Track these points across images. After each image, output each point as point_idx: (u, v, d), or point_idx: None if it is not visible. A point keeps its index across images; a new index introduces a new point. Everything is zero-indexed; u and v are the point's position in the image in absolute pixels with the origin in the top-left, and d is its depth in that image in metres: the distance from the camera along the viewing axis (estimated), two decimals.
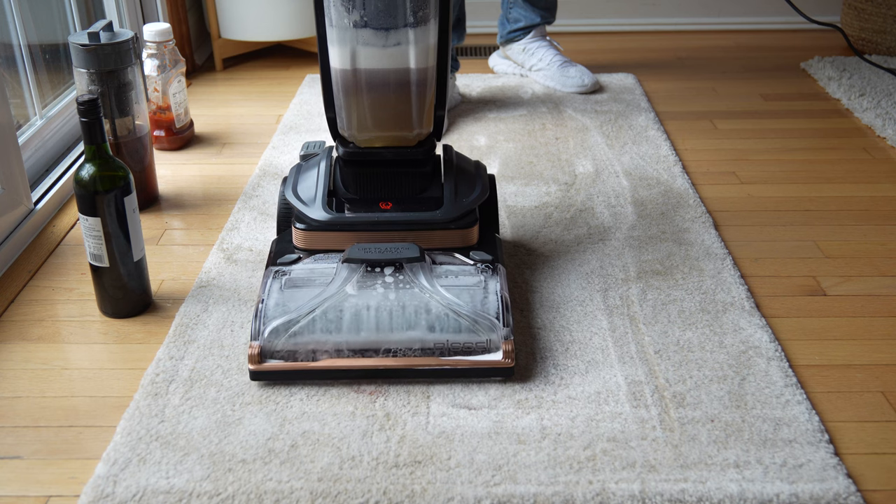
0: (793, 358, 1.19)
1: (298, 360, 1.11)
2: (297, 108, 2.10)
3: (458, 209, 1.26)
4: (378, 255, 1.17)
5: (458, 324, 1.12)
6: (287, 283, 1.17)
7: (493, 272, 1.19)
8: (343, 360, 1.12)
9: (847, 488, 0.96)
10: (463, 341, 1.12)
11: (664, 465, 0.99)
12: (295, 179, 1.31)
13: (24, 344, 1.23)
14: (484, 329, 1.12)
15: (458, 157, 1.36)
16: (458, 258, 1.23)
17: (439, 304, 1.13)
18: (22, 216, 1.50)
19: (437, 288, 1.15)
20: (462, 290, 1.15)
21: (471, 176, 1.33)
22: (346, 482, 0.97)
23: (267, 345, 1.11)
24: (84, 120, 1.18)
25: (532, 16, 2.24)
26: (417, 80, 1.22)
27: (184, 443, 1.03)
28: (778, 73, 2.35)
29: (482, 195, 1.30)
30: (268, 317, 1.12)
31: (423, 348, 1.12)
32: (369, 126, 1.25)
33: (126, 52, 1.49)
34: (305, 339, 1.11)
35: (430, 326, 1.12)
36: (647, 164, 1.76)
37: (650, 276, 1.37)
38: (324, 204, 1.25)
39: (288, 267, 1.21)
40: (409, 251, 1.18)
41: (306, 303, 1.13)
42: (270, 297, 1.15)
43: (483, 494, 0.95)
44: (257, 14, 2.33)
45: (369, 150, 1.27)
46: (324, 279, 1.17)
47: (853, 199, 1.64)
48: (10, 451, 1.03)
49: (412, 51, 1.19)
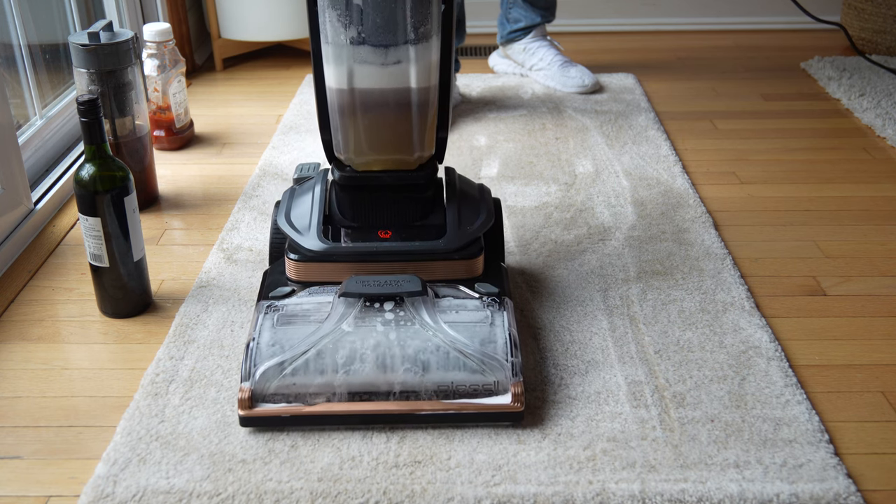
0: (793, 358, 1.19)
1: (292, 404, 1.04)
2: (297, 108, 2.10)
3: (462, 238, 1.18)
4: (377, 288, 1.10)
5: (463, 364, 1.05)
6: (279, 320, 1.09)
7: (499, 306, 1.12)
8: (340, 404, 1.04)
9: (847, 488, 0.96)
10: (469, 383, 1.04)
11: (664, 465, 0.99)
12: (288, 205, 1.24)
13: (24, 344, 1.23)
14: (491, 370, 1.04)
15: (461, 180, 1.29)
16: (463, 291, 1.16)
17: (443, 342, 1.06)
18: (22, 216, 1.50)
19: (440, 324, 1.08)
20: (467, 327, 1.08)
21: (475, 201, 1.25)
22: (346, 482, 0.97)
23: (258, 387, 1.04)
24: (84, 120, 1.18)
25: (532, 15, 2.24)
26: (419, 101, 1.15)
27: (184, 443, 1.03)
28: (778, 73, 2.36)
29: (487, 222, 1.22)
30: (259, 357, 1.05)
31: (426, 391, 1.04)
32: (367, 149, 1.18)
33: (126, 52, 1.49)
34: (300, 381, 1.04)
35: (434, 367, 1.04)
36: (647, 164, 1.76)
37: (650, 276, 1.37)
38: (319, 232, 1.18)
39: (280, 301, 1.13)
40: (410, 284, 1.11)
41: (300, 341, 1.06)
42: (262, 335, 1.07)
43: (483, 494, 0.95)
44: (257, 14, 2.33)
45: (367, 174, 1.20)
46: (319, 315, 1.10)
47: (853, 199, 1.64)
48: (10, 451, 1.03)
49: (413, 69, 1.12)
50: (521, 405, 1.04)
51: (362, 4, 1.08)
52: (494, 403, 1.04)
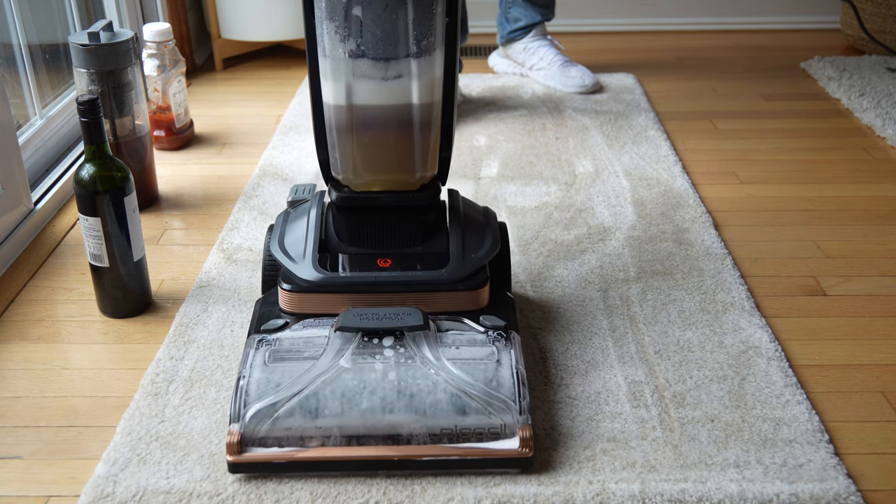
0: (793, 358, 1.19)
1: (285, 449, 0.97)
2: (297, 108, 2.10)
3: (467, 267, 1.11)
4: (376, 322, 1.03)
5: (467, 405, 0.98)
6: (272, 356, 1.03)
7: (506, 342, 1.05)
8: (336, 449, 0.98)
9: (847, 488, 0.96)
10: (474, 426, 0.97)
11: (664, 465, 0.99)
12: (282, 231, 1.17)
13: (24, 344, 1.23)
14: (497, 411, 0.98)
15: (466, 203, 1.22)
16: (467, 324, 1.09)
17: (446, 381, 0.99)
18: (22, 216, 1.50)
19: (443, 362, 1.01)
20: (471, 365, 1.01)
21: (480, 226, 1.18)
22: (346, 482, 0.97)
23: (249, 430, 0.97)
24: (84, 120, 1.18)
25: (532, 14, 2.24)
26: (420, 118, 1.08)
27: (184, 443, 1.03)
28: (778, 73, 2.36)
29: (493, 249, 1.15)
30: (250, 397, 0.98)
31: (428, 434, 0.98)
32: (366, 169, 1.11)
33: (126, 52, 1.49)
34: (293, 423, 0.97)
35: (436, 410, 0.98)
36: (647, 164, 1.76)
37: (650, 276, 1.37)
38: (314, 261, 1.11)
39: (273, 335, 1.06)
40: (411, 318, 1.04)
41: (294, 380, 0.99)
42: (253, 373, 1.00)
43: (483, 494, 0.95)
44: (257, 14, 2.33)
45: (366, 194, 1.13)
46: (314, 350, 1.03)
47: (853, 199, 1.64)
48: (10, 451, 1.03)
49: (415, 85, 1.05)
50: (529, 451, 0.97)
51: (362, 16, 1.02)
52: (501, 448, 0.97)
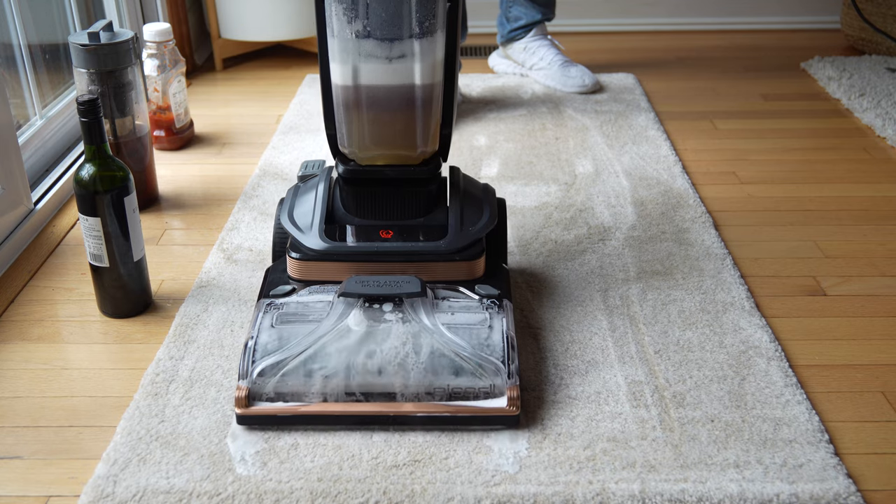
0: (793, 358, 1.19)
1: (289, 403, 1.04)
2: (297, 108, 2.10)
3: (464, 239, 1.18)
4: (377, 289, 1.10)
5: (459, 367, 1.05)
6: (279, 319, 1.10)
7: (499, 309, 1.12)
8: (336, 405, 1.05)
9: (847, 488, 0.96)
10: (465, 386, 1.04)
11: (664, 465, 0.99)
12: (291, 203, 1.24)
13: (24, 344, 1.23)
14: (488, 373, 1.04)
15: (466, 179, 1.28)
16: (463, 292, 1.16)
17: (440, 344, 1.06)
18: (22, 216, 1.50)
19: (438, 326, 1.08)
20: (465, 329, 1.08)
21: (478, 201, 1.25)
22: (346, 482, 0.97)
23: (256, 386, 1.04)
24: (84, 120, 1.18)
25: (532, 13, 2.24)
26: (423, 98, 1.14)
27: (184, 443, 1.03)
28: (778, 73, 2.36)
29: (490, 223, 1.21)
30: (257, 355, 1.05)
31: (422, 392, 1.05)
32: (371, 144, 1.18)
33: (126, 52, 1.49)
34: (296, 380, 1.04)
35: (430, 369, 1.05)
36: (647, 164, 1.76)
37: (650, 276, 1.37)
38: (321, 232, 1.18)
39: (280, 300, 1.14)
40: (409, 285, 1.10)
41: (299, 341, 1.06)
42: (261, 334, 1.08)
43: (483, 494, 0.95)
44: (257, 14, 2.33)
45: (371, 168, 1.20)
46: (318, 314, 1.10)
47: (853, 199, 1.64)
48: (10, 451, 1.03)
49: (417, 66, 1.12)
50: (516, 409, 1.03)
51: None
52: (490, 407, 1.04)
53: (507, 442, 1.03)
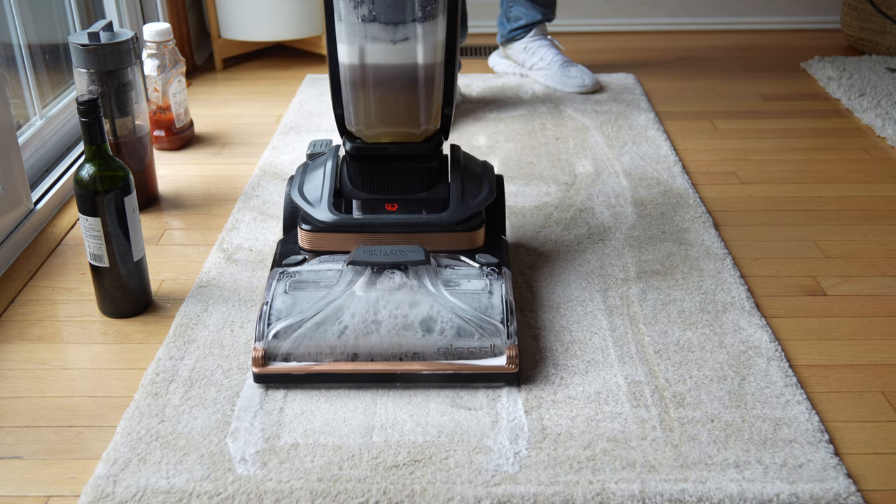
0: (793, 358, 1.19)
1: (302, 363, 1.11)
2: (297, 108, 2.10)
3: (465, 211, 1.25)
4: (383, 257, 1.16)
5: (462, 328, 1.11)
6: (292, 285, 1.17)
7: (498, 276, 1.18)
8: (347, 364, 1.11)
9: (847, 488, 0.96)
10: (467, 346, 1.11)
11: (664, 465, 0.99)
12: (301, 179, 1.31)
13: (24, 344, 1.23)
14: (488, 334, 1.11)
15: (466, 157, 1.35)
16: (464, 261, 1.23)
17: (444, 308, 1.12)
18: (22, 216, 1.50)
19: (441, 292, 1.14)
20: (467, 294, 1.15)
21: (477, 176, 1.31)
22: (346, 482, 0.97)
23: (270, 347, 1.11)
24: (84, 120, 1.18)
25: (532, 13, 2.24)
26: (425, 77, 1.22)
27: (184, 443, 1.03)
28: (778, 73, 2.35)
29: (489, 197, 1.28)
30: (272, 319, 1.12)
31: (428, 352, 1.11)
32: (376, 122, 1.25)
33: (126, 52, 1.49)
34: (309, 342, 1.11)
35: (435, 331, 1.11)
36: (647, 164, 1.76)
37: (650, 276, 1.37)
38: (330, 205, 1.25)
39: (293, 268, 1.20)
40: (414, 254, 1.16)
41: (311, 305, 1.13)
42: (275, 299, 1.14)
43: (483, 494, 0.95)
44: (257, 14, 2.33)
45: (376, 145, 1.27)
46: (329, 281, 1.17)
47: (853, 199, 1.64)
48: (10, 451, 1.03)
49: (420, 47, 1.19)
50: (515, 367, 1.10)
51: None
52: (491, 365, 1.10)
53: (507, 442, 1.03)
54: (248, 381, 1.13)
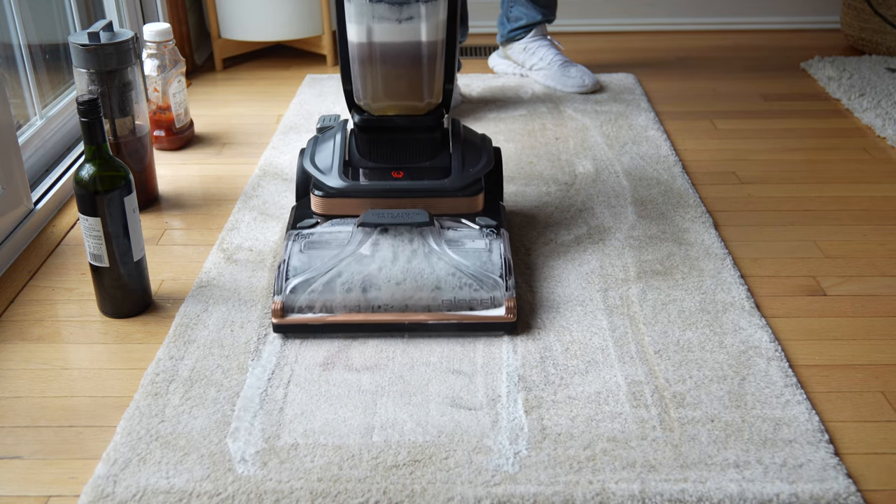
0: (793, 358, 1.19)
1: (317, 314, 1.21)
2: (297, 108, 2.10)
3: (465, 178, 1.34)
4: (390, 219, 1.25)
5: (464, 282, 1.21)
6: (307, 245, 1.26)
7: (497, 236, 1.28)
8: (358, 315, 1.21)
9: (847, 488, 0.96)
10: (469, 298, 1.21)
11: (664, 465, 0.99)
12: (312, 150, 1.40)
13: (24, 344, 1.23)
14: (488, 287, 1.21)
15: (466, 129, 1.44)
16: (465, 223, 1.32)
17: (447, 264, 1.22)
18: (22, 216, 1.50)
19: (445, 250, 1.25)
20: (468, 252, 1.25)
21: (477, 147, 1.41)
22: (346, 482, 0.97)
23: (288, 301, 1.21)
24: (84, 120, 1.18)
25: (533, 13, 2.24)
26: (428, 54, 1.30)
27: (184, 443, 1.03)
28: (778, 73, 2.36)
29: (488, 165, 1.37)
30: (290, 275, 1.22)
31: (433, 305, 1.21)
32: (383, 95, 1.34)
33: (126, 52, 1.49)
34: (323, 295, 1.21)
35: (439, 285, 1.21)
36: (647, 164, 1.76)
37: (650, 276, 1.37)
38: (340, 173, 1.34)
39: (307, 230, 1.30)
40: (419, 216, 1.25)
41: (324, 263, 1.23)
42: (292, 258, 1.24)
43: (483, 494, 0.95)
44: (257, 14, 2.33)
45: (383, 117, 1.36)
46: (340, 241, 1.27)
47: (853, 199, 1.64)
48: (10, 451, 1.03)
49: (423, 25, 1.28)
50: (513, 317, 1.20)
51: None
52: (491, 315, 1.20)
53: (507, 442, 1.03)
54: (249, 380, 1.13)
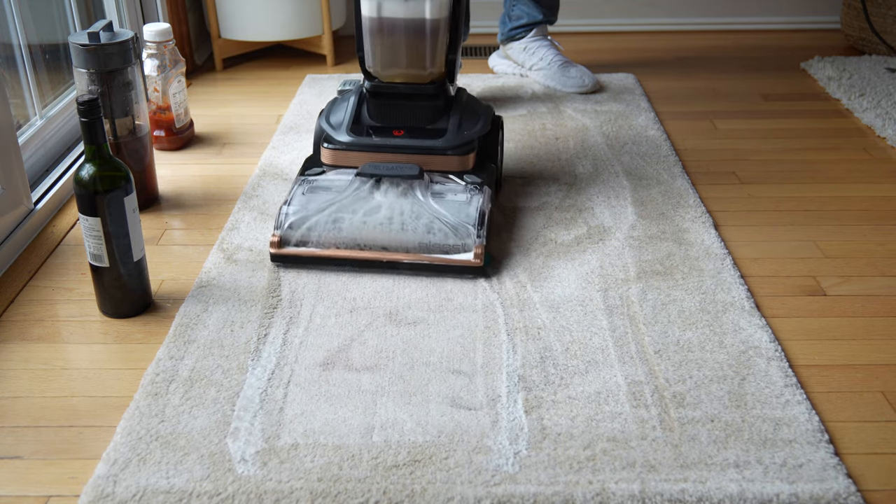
0: (793, 358, 1.19)
1: (310, 248, 1.37)
2: (297, 108, 2.10)
3: (458, 139, 1.48)
4: (385, 171, 1.43)
5: (441, 229, 1.36)
6: (309, 189, 1.43)
7: (479, 192, 1.43)
8: (345, 251, 1.37)
9: (847, 488, 0.96)
10: (442, 243, 1.36)
11: (664, 465, 0.99)
12: (329, 110, 1.56)
13: (24, 344, 1.23)
14: (461, 234, 1.35)
15: (469, 98, 1.58)
16: (452, 179, 1.47)
17: (429, 213, 1.38)
18: (22, 216, 1.50)
19: (428, 200, 1.40)
20: (450, 203, 1.40)
21: (476, 112, 1.54)
22: (346, 482, 0.97)
23: (285, 234, 1.38)
24: (84, 120, 1.18)
25: (534, 13, 2.24)
26: (431, 29, 1.44)
27: (184, 443, 1.03)
28: (778, 73, 2.36)
29: (483, 129, 1.51)
30: (289, 212, 1.39)
31: (411, 246, 1.36)
32: (389, 64, 1.49)
33: (126, 52, 1.49)
34: (317, 232, 1.37)
35: (419, 230, 1.36)
36: (647, 164, 1.76)
37: (650, 276, 1.37)
38: (348, 129, 1.50)
39: (313, 177, 1.47)
40: (410, 170, 1.42)
41: (321, 204, 1.39)
42: (294, 198, 1.41)
43: (483, 494, 0.95)
44: (257, 14, 2.33)
45: (390, 84, 1.51)
46: (339, 188, 1.43)
47: (853, 199, 1.64)
48: (10, 451, 1.03)
49: (428, 4, 1.43)
50: (480, 261, 1.34)
51: None
52: (461, 259, 1.35)
53: (507, 442, 1.03)
54: (249, 380, 1.13)
